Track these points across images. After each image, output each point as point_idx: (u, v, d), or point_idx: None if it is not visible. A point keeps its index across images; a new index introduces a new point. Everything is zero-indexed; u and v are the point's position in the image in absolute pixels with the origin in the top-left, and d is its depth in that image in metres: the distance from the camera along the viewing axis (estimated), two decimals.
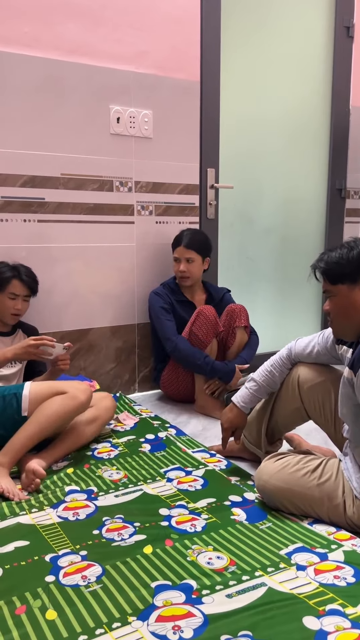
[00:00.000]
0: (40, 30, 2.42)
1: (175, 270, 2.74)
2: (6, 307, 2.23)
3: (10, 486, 1.76)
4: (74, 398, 1.93)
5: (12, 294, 2.23)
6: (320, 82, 3.40)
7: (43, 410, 1.89)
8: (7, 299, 2.22)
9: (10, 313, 2.24)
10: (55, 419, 1.90)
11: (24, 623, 1.19)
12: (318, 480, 1.60)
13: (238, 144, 3.13)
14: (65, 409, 1.91)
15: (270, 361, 1.92)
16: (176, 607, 1.24)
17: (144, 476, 1.90)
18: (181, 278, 2.73)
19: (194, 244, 2.69)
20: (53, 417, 1.89)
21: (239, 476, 1.91)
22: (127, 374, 2.88)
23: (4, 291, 2.22)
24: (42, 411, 1.89)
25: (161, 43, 2.74)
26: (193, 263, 2.70)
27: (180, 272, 2.70)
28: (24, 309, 2.27)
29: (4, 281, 2.22)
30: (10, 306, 2.23)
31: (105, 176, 2.67)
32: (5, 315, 2.25)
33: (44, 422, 1.88)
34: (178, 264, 2.71)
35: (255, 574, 1.35)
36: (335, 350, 1.76)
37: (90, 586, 1.31)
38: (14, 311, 2.24)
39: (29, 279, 2.28)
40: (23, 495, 1.76)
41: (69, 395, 1.93)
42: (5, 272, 2.24)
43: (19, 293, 2.24)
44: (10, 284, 2.23)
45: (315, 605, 1.24)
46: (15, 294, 2.23)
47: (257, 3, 3.09)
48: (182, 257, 2.69)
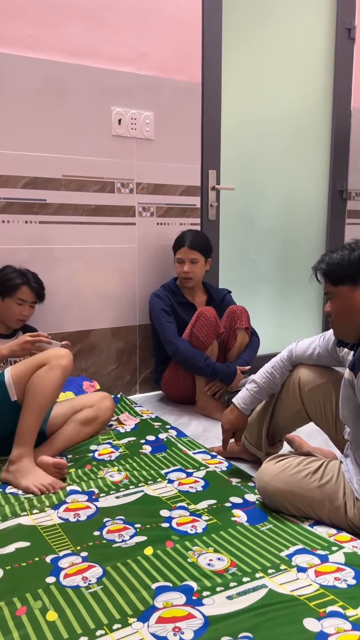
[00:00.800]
0: (43, 32, 2.43)
1: (178, 271, 2.74)
2: (13, 312, 2.23)
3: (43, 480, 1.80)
4: (56, 365, 1.92)
5: (20, 300, 2.23)
6: (322, 83, 3.40)
7: (33, 388, 1.89)
8: (15, 305, 2.23)
9: (16, 318, 2.24)
10: (49, 392, 1.90)
11: (24, 624, 1.19)
12: (319, 481, 1.60)
13: (239, 146, 3.13)
14: (52, 379, 1.90)
15: (271, 363, 1.92)
16: (177, 608, 1.24)
17: (145, 477, 1.90)
18: (184, 279, 2.72)
19: (197, 244, 2.69)
20: (46, 391, 1.89)
21: (239, 478, 1.91)
22: (128, 375, 2.89)
23: (13, 297, 2.22)
24: (34, 390, 1.89)
25: (163, 45, 2.74)
26: (197, 264, 2.70)
27: (184, 273, 2.70)
28: (29, 314, 2.28)
29: (14, 287, 2.22)
30: (17, 312, 2.23)
31: (107, 178, 2.68)
32: (10, 320, 2.25)
33: (39, 399, 1.89)
34: (181, 265, 2.71)
35: (255, 576, 1.35)
36: (336, 352, 1.76)
37: (90, 587, 1.31)
38: (21, 317, 2.24)
39: (37, 286, 2.29)
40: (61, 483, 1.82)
41: (51, 364, 1.91)
42: (15, 279, 2.24)
43: (26, 299, 2.24)
44: (20, 290, 2.23)
45: (315, 607, 1.24)
46: (23, 300, 2.24)
47: (258, 5, 3.09)
48: (186, 258, 2.69)
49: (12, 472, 1.85)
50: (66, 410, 2.16)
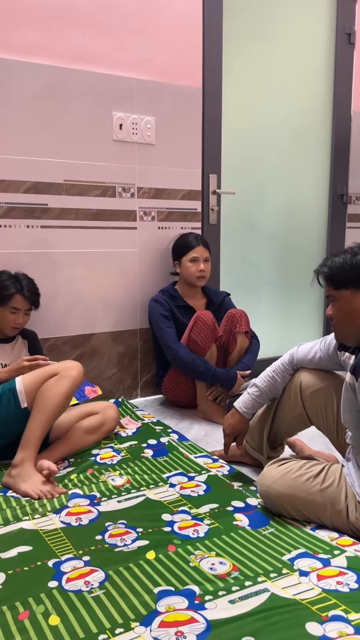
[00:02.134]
0: (45, 38, 2.44)
1: (192, 271, 2.72)
2: (7, 320, 2.21)
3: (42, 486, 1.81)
4: (66, 376, 1.98)
5: (13, 309, 2.20)
6: (322, 88, 3.41)
7: (42, 396, 1.94)
8: (9, 313, 2.20)
9: (10, 326, 2.23)
10: (56, 400, 1.94)
11: (27, 628, 1.19)
12: (321, 485, 1.60)
13: (240, 150, 3.14)
14: (61, 388, 1.95)
15: (272, 367, 1.92)
16: (179, 612, 1.24)
17: (147, 481, 1.90)
18: (199, 278, 2.74)
19: (206, 243, 2.76)
20: (54, 399, 1.94)
21: (241, 482, 1.91)
22: (130, 379, 2.89)
23: (6, 305, 2.20)
24: (42, 398, 1.94)
25: (164, 50, 2.76)
26: (208, 262, 2.75)
27: (199, 272, 2.72)
28: (24, 322, 2.26)
29: (7, 297, 2.19)
30: (11, 320, 2.21)
31: (108, 182, 2.69)
32: (5, 328, 2.23)
33: (47, 407, 1.93)
34: (196, 264, 2.71)
35: (258, 580, 1.35)
36: (337, 356, 1.76)
37: (93, 592, 1.31)
38: (15, 325, 2.22)
39: (31, 294, 2.24)
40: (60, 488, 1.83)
41: (61, 375, 1.98)
42: (8, 287, 2.20)
43: (20, 307, 2.22)
44: (13, 299, 2.20)
45: (318, 611, 1.24)
46: (17, 309, 2.21)
47: (259, 10, 3.11)
48: (201, 257, 2.71)
49: (14, 476, 1.86)
50: (71, 417, 2.17)
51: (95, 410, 2.25)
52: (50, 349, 2.61)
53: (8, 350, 2.27)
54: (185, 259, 2.73)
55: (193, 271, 2.72)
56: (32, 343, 2.37)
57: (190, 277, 2.74)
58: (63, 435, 2.12)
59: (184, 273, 2.75)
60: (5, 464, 2.03)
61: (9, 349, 2.28)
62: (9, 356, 2.27)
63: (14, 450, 1.92)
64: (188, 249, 2.72)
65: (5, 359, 2.25)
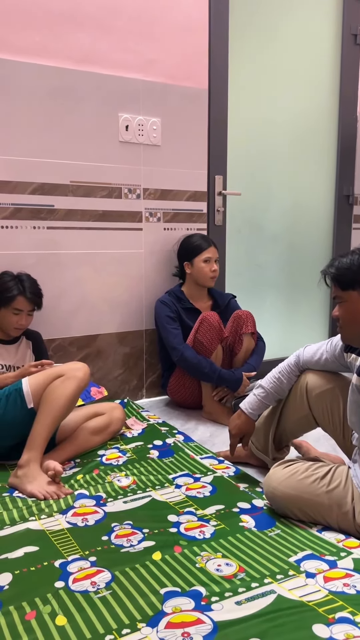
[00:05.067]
0: (51, 40, 2.45)
1: (206, 271, 2.73)
2: (10, 322, 2.21)
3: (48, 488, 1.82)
4: (72, 377, 1.99)
5: (16, 310, 2.20)
6: (328, 89, 3.41)
7: (48, 397, 1.95)
8: (12, 314, 2.20)
9: (13, 327, 2.23)
10: (62, 401, 1.95)
11: (34, 629, 1.20)
12: (327, 487, 1.59)
13: (246, 151, 3.14)
14: (67, 389, 1.96)
15: (278, 368, 1.92)
16: (185, 613, 1.24)
17: (153, 482, 1.90)
18: (212, 278, 2.76)
19: (215, 244, 2.78)
20: (60, 400, 1.94)
21: (247, 483, 1.91)
22: (135, 380, 2.89)
23: (9, 307, 2.20)
24: (48, 398, 1.95)
25: (170, 51, 2.76)
26: (218, 263, 2.78)
27: (213, 272, 2.74)
28: (27, 323, 2.26)
29: (9, 299, 2.19)
30: (14, 321, 2.21)
31: (114, 183, 2.69)
32: (9, 329, 2.23)
33: (53, 408, 1.94)
34: (209, 265, 2.72)
35: (264, 581, 1.35)
36: (344, 358, 1.76)
37: (99, 592, 1.32)
38: (18, 326, 2.22)
39: (33, 296, 2.24)
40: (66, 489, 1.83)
41: (67, 376, 1.99)
42: (11, 289, 2.20)
43: (23, 309, 2.21)
44: (15, 301, 2.19)
45: (325, 613, 1.24)
46: (20, 310, 2.21)
47: (265, 11, 3.11)
48: (214, 257, 2.74)
49: (20, 477, 1.87)
50: (77, 418, 2.18)
51: (101, 411, 2.26)
52: (56, 350, 2.62)
53: (12, 351, 2.28)
54: (199, 260, 2.72)
55: (207, 271, 2.73)
56: (37, 344, 2.38)
57: (203, 277, 2.75)
58: (69, 436, 2.13)
59: (196, 274, 2.75)
60: (11, 464, 2.04)
61: (14, 349, 2.28)
62: (14, 357, 2.27)
63: (20, 451, 1.92)
64: (202, 249, 2.73)
65: (9, 359, 2.25)
